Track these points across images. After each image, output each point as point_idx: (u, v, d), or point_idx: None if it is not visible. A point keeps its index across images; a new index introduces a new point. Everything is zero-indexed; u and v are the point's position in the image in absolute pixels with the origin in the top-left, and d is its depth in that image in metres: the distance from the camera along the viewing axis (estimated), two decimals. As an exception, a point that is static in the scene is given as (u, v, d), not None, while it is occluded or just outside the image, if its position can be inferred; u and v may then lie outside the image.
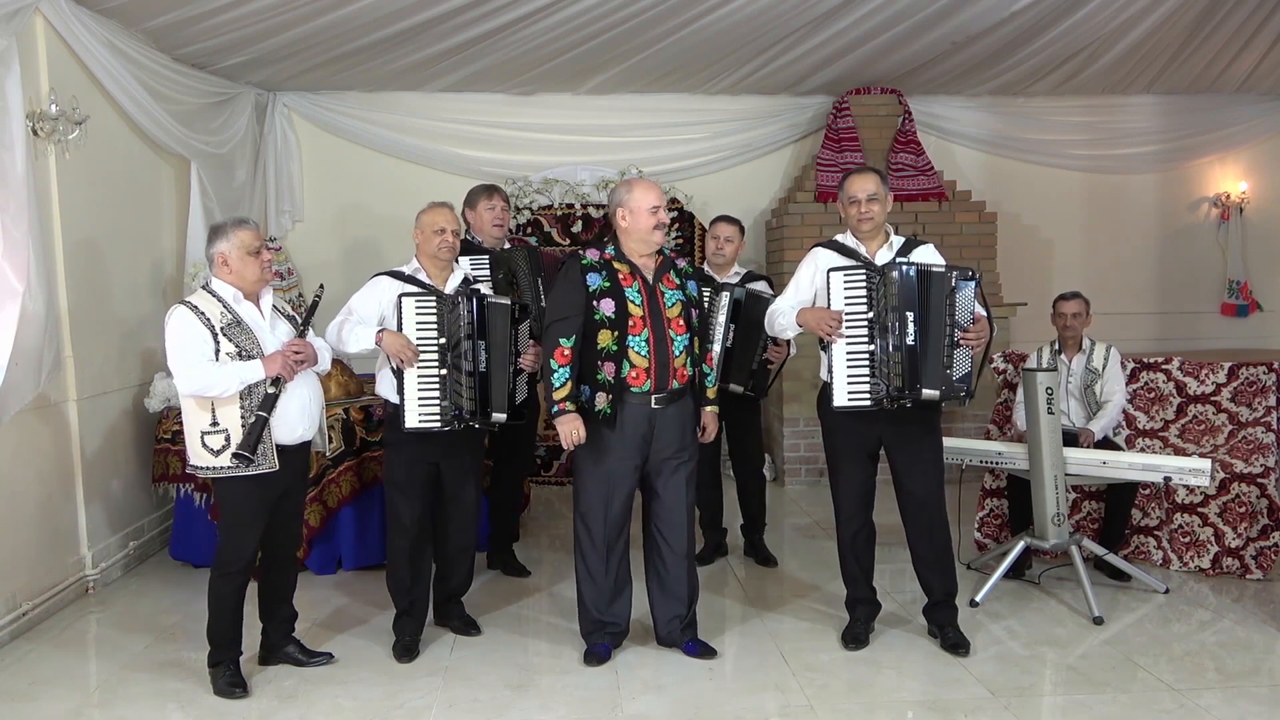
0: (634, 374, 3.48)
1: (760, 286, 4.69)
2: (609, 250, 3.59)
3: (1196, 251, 7.56)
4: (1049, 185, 7.36)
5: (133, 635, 4.02)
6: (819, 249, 3.77)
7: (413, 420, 3.59)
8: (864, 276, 3.55)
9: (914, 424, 3.63)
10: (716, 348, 4.45)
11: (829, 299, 3.59)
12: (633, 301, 3.50)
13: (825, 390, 3.68)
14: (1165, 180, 7.51)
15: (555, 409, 3.50)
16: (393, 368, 3.65)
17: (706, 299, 4.52)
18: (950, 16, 5.47)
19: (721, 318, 4.46)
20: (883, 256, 3.63)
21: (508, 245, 4.75)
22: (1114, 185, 7.45)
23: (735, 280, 4.65)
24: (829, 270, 3.60)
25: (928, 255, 3.65)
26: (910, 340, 3.48)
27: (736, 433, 4.85)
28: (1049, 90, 7.02)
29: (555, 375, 3.47)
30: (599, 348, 3.47)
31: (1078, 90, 7.04)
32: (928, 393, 3.48)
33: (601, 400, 3.48)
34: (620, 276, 3.53)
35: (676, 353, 3.52)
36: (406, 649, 3.74)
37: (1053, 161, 7.35)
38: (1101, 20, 5.63)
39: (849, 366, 3.55)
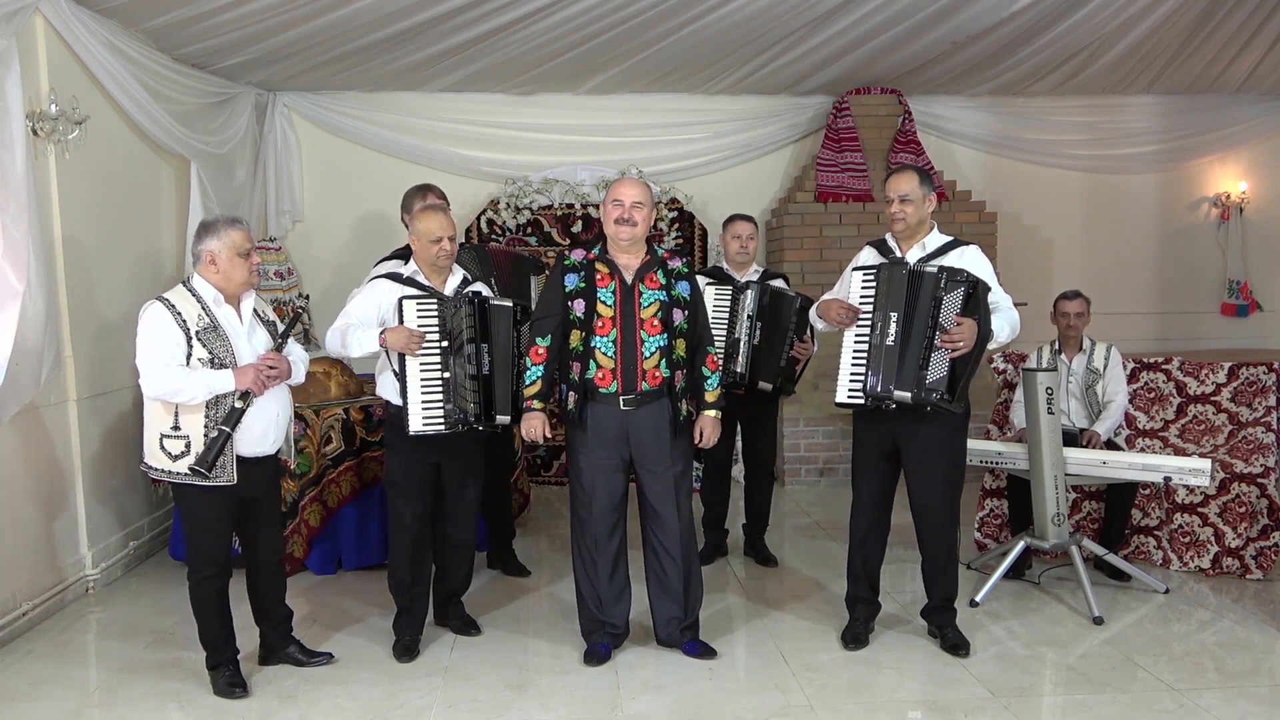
0: (600, 375, 3.50)
1: (779, 284, 4.69)
2: (595, 250, 3.61)
3: (1196, 251, 7.56)
4: (1049, 185, 7.36)
5: (133, 635, 4.02)
6: (866, 247, 3.80)
7: (417, 424, 3.57)
8: (874, 275, 3.57)
9: (928, 426, 3.58)
10: (744, 346, 4.46)
11: (850, 298, 3.64)
12: (603, 302, 3.51)
13: None
14: (1165, 180, 7.51)
15: (523, 404, 3.55)
16: (394, 370, 3.64)
17: (726, 299, 4.52)
18: (950, 16, 5.47)
19: (748, 315, 4.47)
20: (914, 256, 3.62)
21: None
22: (1114, 185, 7.45)
23: (755, 278, 4.65)
24: (852, 269, 3.67)
25: (964, 258, 3.59)
26: (890, 340, 3.48)
27: (751, 432, 4.86)
28: (1049, 90, 7.02)
29: (528, 373, 3.54)
30: (570, 348, 3.52)
31: (1078, 90, 7.04)
32: (899, 394, 3.46)
33: (571, 400, 3.53)
34: (598, 277, 3.54)
35: (647, 354, 3.51)
36: (407, 649, 3.73)
37: (1053, 161, 7.35)
38: (1101, 20, 5.63)
39: (852, 364, 3.57)
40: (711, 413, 3.66)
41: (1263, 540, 4.48)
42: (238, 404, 3.20)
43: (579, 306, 3.51)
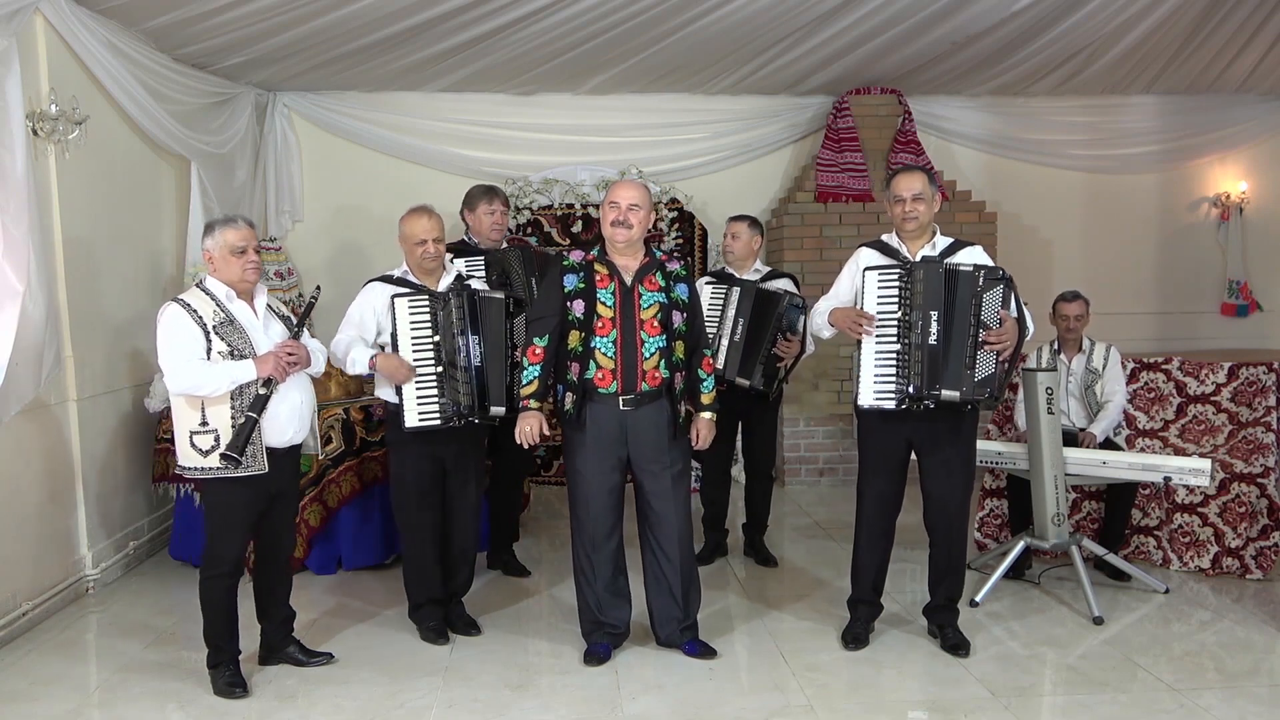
0: (600, 375, 3.50)
1: (783, 284, 4.68)
2: (594, 252, 3.61)
3: (1196, 251, 7.56)
4: (1049, 185, 7.35)
5: (132, 635, 4.02)
6: (863, 248, 3.75)
7: (412, 419, 3.61)
8: (897, 275, 3.53)
9: (946, 428, 3.57)
10: (724, 343, 4.45)
11: (863, 298, 3.58)
12: (603, 303, 3.50)
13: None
14: (1165, 180, 7.50)
15: (519, 404, 3.55)
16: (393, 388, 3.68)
17: (720, 297, 4.53)
18: (950, 16, 5.46)
19: (731, 312, 4.48)
20: (922, 256, 3.59)
21: (504, 245, 4.75)
22: (1114, 185, 7.44)
23: (757, 278, 4.65)
24: (865, 269, 3.61)
25: (972, 257, 3.57)
26: (933, 340, 3.44)
27: (750, 433, 4.86)
28: (1049, 90, 7.01)
29: (525, 372, 3.53)
30: (569, 348, 3.51)
31: (1078, 90, 7.04)
32: (947, 394, 3.43)
33: (569, 400, 3.52)
34: (597, 278, 3.54)
35: (647, 355, 3.51)
36: (438, 631, 3.82)
37: (1053, 161, 7.35)
38: (1101, 20, 5.63)
39: (876, 365, 3.54)
40: (707, 415, 3.68)
41: (1263, 540, 4.48)
42: (262, 390, 3.26)
43: (578, 307, 3.50)
